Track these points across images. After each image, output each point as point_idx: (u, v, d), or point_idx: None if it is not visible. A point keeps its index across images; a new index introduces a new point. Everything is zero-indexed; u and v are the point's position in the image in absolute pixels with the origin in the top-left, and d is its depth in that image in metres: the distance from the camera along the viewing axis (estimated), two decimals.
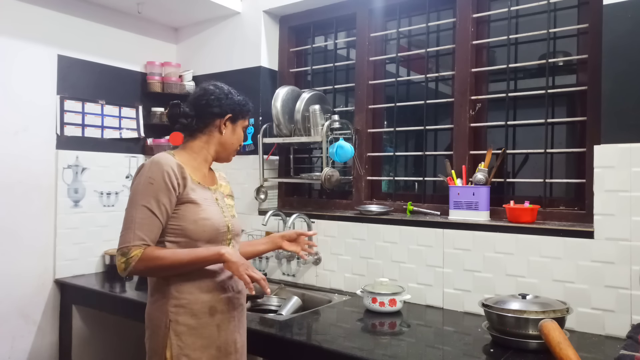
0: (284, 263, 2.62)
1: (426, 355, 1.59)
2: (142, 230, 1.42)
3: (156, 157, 1.51)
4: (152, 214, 1.43)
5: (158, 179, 1.45)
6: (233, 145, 1.65)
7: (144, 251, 1.41)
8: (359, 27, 2.58)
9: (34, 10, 2.50)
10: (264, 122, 2.74)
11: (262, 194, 2.70)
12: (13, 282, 2.42)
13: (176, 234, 1.48)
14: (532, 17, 2.16)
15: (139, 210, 1.43)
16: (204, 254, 1.45)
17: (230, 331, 1.56)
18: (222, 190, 1.68)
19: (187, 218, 1.48)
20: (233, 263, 1.45)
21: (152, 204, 1.43)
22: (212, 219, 1.52)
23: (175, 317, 1.47)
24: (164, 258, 1.42)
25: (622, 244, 1.71)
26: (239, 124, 1.65)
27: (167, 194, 1.45)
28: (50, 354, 2.59)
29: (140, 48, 2.99)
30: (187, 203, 1.49)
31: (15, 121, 2.42)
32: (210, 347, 1.51)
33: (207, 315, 1.51)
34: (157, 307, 1.50)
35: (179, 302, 1.48)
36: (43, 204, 2.53)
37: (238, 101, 1.64)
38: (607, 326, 1.74)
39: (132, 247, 1.40)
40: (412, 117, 2.51)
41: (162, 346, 1.47)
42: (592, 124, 1.90)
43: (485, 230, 2.01)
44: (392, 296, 2.01)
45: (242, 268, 1.45)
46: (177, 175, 1.48)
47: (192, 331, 1.48)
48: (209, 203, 1.55)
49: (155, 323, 1.50)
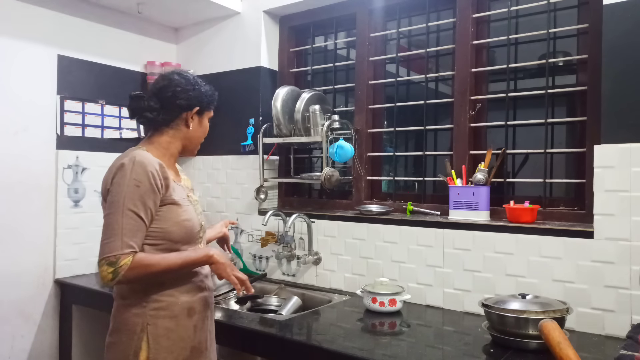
0: (284, 263, 2.62)
1: (426, 355, 1.59)
2: (129, 236, 1.34)
3: (137, 156, 1.41)
4: (139, 219, 1.36)
5: (144, 181, 1.37)
6: (199, 139, 1.59)
7: (134, 259, 1.33)
8: (359, 27, 2.58)
9: (34, 10, 2.50)
10: (264, 122, 2.74)
11: (262, 194, 2.70)
12: (13, 282, 2.42)
13: (156, 237, 1.41)
14: (532, 17, 2.16)
15: (125, 216, 1.34)
16: (194, 257, 1.43)
17: (204, 331, 1.55)
18: (187, 185, 1.62)
19: (169, 220, 1.42)
20: (221, 264, 1.44)
21: (139, 208, 1.36)
22: (191, 220, 1.48)
23: (154, 321, 1.42)
24: (155, 264, 1.36)
25: (622, 244, 1.71)
26: (205, 115, 1.59)
27: (152, 197, 1.38)
28: (50, 354, 2.59)
29: (140, 48, 2.99)
30: (169, 204, 1.43)
31: (15, 121, 2.42)
32: (186, 348, 1.47)
33: (185, 316, 1.47)
34: (132, 310, 1.43)
35: (159, 305, 1.43)
36: (43, 204, 2.53)
37: (205, 92, 1.57)
38: (607, 326, 1.74)
39: (120, 255, 1.32)
40: (412, 117, 2.51)
41: (135, 351, 1.40)
42: (592, 124, 1.90)
43: (485, 230, 2.01)
44: (392, 296, 2.01)
45: (229, 269, 1.45)
46: (159, 175, 1.41)
47: (170, 334, 1.44)
48: (187, 202, 1.50)
49: (127, 328, 1.42)
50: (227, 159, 2.91)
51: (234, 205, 2.87)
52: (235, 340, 1.91)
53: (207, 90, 1.59)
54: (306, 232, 2.51)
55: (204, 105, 1.56)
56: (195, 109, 1.53)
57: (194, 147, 1.60)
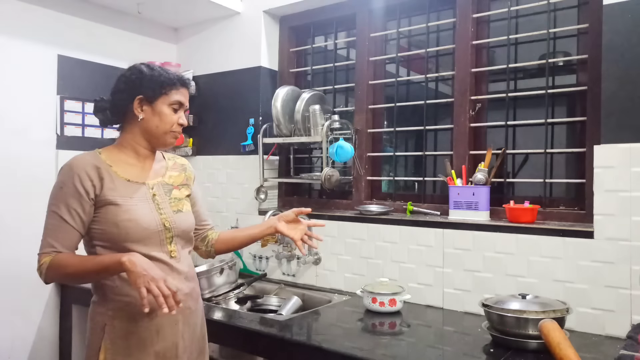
0: (284, 263, 2.62)
1: (426, 355, 1.59)
2: (51, 237, 1.37)
3: (71, 159, 1.43)
4: (62, 220, 1.37)
5: (68, 183, 1.38)
6: (159, 128, 1.47)
7: (52, 259, 1.34)
8: (359, 27, 2.58)
9: (34, 10, 2.50)
10: (264, 122, 2.74)
11: (262, 194, 2.70)
12: (13, 282, 2.41)
13: (101, 238, 1.40)
14: (532, 17, 2.16)
15: (49, 217, 1.39)
16: (106, 263, 1.32)
17: (171, 335, 1.46)
18: (170, 182, 1.55)
19: (107, 221, 1.39)
20: (132, 273, 1.27)
21: (61, 210, 1.37)
22: (137, 219, 1.40)
23: (112, 321, 1.40)
24: (70, 266, 1.34)
25: (622, 244, 1.71)
26: (158, 102, 1.46)
27: (77, 199, 1.37)
28: (50, 354, 2.59)
29: (140, 48, 2.99)
30: (106, 205, 1.39)
31: (15, 121, 2.42)
32: (147, 351, 1.41)
33: (145, 319, 1.40)
34: (96, 309, 1.44)
35: (117, 304, 1.40)
36: (43, 204, 2.50)
37: (150, 77, 1.46)
38: (607, 326, 1.74)
39: (42, 254, 1.37)
40: (412, 117, 2.51)
41: (96, 350, 1.40)
42: (592, 124, 1.90)
43: (485, 230, 2.01)
44: (392, 296, 2.01)
45: (140, 280, 1.26)
46: (90, 177, 1.39)
47: (129, 335, 1.40)
48: (135, 202, 1.43)
49: (92, 326, 1.43)
50: (227, 159, 2.92)
51: (234, 205, 2.87)
52: (235, 340, 1.91)
53: (152, 74, 1.47)
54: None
55: (149, 92, 1.45)
56: (137, 97, 1.45)
57: (158, 138, 1.49)
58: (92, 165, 1.42)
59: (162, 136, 1.49)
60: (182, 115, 1.51)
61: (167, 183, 1.55)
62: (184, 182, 1.61)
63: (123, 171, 1.46)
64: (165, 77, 1.48)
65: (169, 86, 1.47)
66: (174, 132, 1.50)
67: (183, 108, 1.52)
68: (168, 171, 1.58)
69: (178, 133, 1.52)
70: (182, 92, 1.51)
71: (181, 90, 1.50)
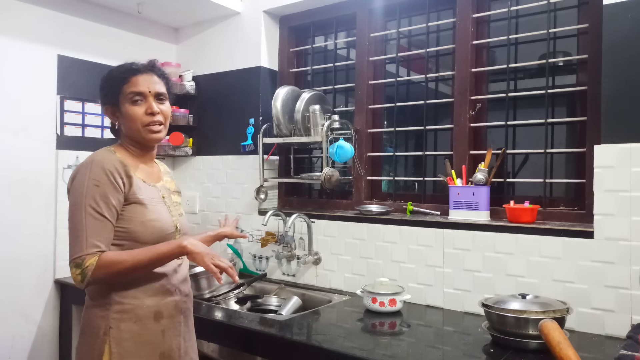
0: (284, 263, 2.62)
1: (426, 355, 1.59)
2: (94, 236, 1.31)
3: (96, 155, 1.39)
4: (103, 217, 1.33)
5: (103, 179, 1.34)
6: (132, 128, 1.43)
7: (100, 258, 1.30)
8: (359, 27, 2.58)
9: (34, 10, 2.50)
10: (264, 122, 2.74)
11: (262, 194, 2.70)
12: (13, 282, 2.41)
13: (120, 236, 1.38)
14: (532, 17, 2.16)
15: (88, 215, 1.31)
16: (165, 249, 1.35)
17: (174, 336, 1.47)
18: (168, 187, 1.57)
19: (134, 220, 1.38)
20: (197, 254, 1.34)
21: (101, 207, 1.32)
22: (161, 220, 1.42)
23: (117, 324, 1.37)
24: (123, 261, 1.31)
25: (622, 244, 1.71)
26: (121, 103, 1.42)
27: (115, 195, 1.35)
28: (50, 354, 2.59)
29: (140, 48, 2.99)
30: (133, 204, 1.38)
31: (15, 121, 2.42)
32: (154, 353, 1.42)
33: (151, 320, 1.41)
34: (97, 312, 1.40)
35: (123, 307, 1.38)
36: (43, 204, 2.53)
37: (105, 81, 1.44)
38: (607, 326, 1.74)
39: (85, 256, 1.29)
40: (412, 117, 2.51)
41: (98, 353, 1.36)
42: (592, 124, 1.90)
43: (485, 230, 2.01)
44: (392, 296, 2.01)
45: (207, 258, 1.34)
46: (121, 173, 1.37)
47: (136, 338, 1.39)
48: (156, 202, 1.44)
49: (92, 330, 1.39)
50: (227, 159, 2.92)
51: (234, 205, 2.87)
52: (235, 340, 1.91)
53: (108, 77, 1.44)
54: (306, 232, 2.51)
55: (109, 98, 1.43)
56: (104, 107, 1.45)
57: (136, 138, 1.46)
58: (119, 161, 1.40)
59: (137, 134, 1.45)
60: (151, 103, 1.43)
61: (167, 187, 1.56)
62: (176, 190, 1.63)
63: (137, 171, 1.45)
64: (115, 75, 1.43)
65: (120, 84, 1.42)
66: (148, 126, 1.43)
67: (147, 96, 1.43)
68: (164, 176, 1.60)
69: (154, 124, 1.43)
70: (135, 81, 1.42)
71: (134, 79, 1.42)
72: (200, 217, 3.02)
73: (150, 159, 1.54)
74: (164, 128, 1.48)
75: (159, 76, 1.48)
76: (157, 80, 1.46)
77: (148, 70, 1.45)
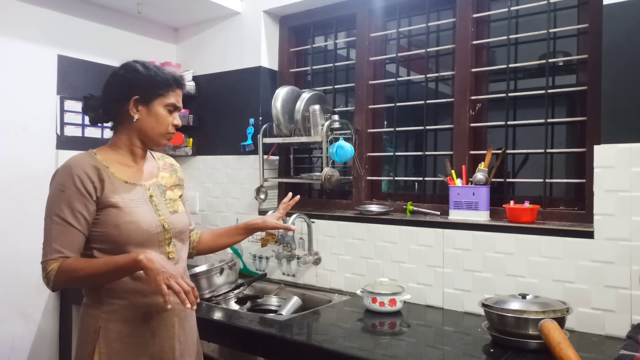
0: (284, 263, 2.62)
1: (426, 355, 1.59)
2: (57, 242, 1.32)
3: (68, 160, 1.40)
4: (67, 224, 1.33)
5: (69, 185, 1.34)
6: (155, 130, 1.45)
7: (61, 264, 1.31)
8: (359, 27, 2.58)
9: (34, 10, 2.50)
10: (264, 122, 2.74)
11: (262, 194, 2.70)
12: (13, 282, 2.41)
13: (101, 240, 1.37)
14: (532, 17, 2.16)
15: (52, 222, 1.34)
16: (121, 262, 1.30)
17: (167, 338, 1.45)
18: (163, 183, 1.54)
19: (108, 223, 1.36)
20: (150, 270, 1.25)
21: (65, 213, 1.33)
22: (139, 222, 1.39)
23: (106, 324, 1.37)
24: (80, 269, 1.31)
25: (622, 244, 1.71)
26: (155, 104, 1.44)
27: (81, 200, 1.34)
28: (50, 354, 2.59)
29: (140, 48, 2.99)
30: (107, 207, 1.37)
31: (15, 121, 2.42)
32: (143, 355, 1.41)
33: (140, 321, 1.40)
34: (88, 311, 1.41)
35: (111, 307, 1.38)
36: (43, 204, 2.51)
37: (146, 77, 1.43)
38: (607, 326, 1.74)
39: (49, 261, 1.31)
40: (412, 117, 2.51)
41: (89, 352, 1.37)
42: (592, 124, 1.90)
43: (485, 230, 2.01)
44: (392, 296, 2.01)
45: (160, 276, 1.24)
46: (91, 178, 1.36)
47: (124, 339, 1.38)
48: (135, 203, 1.41)
49: (84, 329, 1.41)
50: (227, 159, 2.91)
51: (234, 205, 2.87)
52: (235, 340, 1.91)
53: (149, 74, 1.44)
54: (306, 232, 2.51)
55: (144, 92, 1.43)
56: (133, 98, 1.42)
57: (152, 139, 1.47)
58: (91, 165, 1.39)
59: (157, 137, 1.47)
60: (176, 116, 1.50)
61: (161, 184, 1.54)
62: (176, 183, 1.60)
63: (120, 172, 1.44)
64: (161, 77, 1.46)
65: (165, 87, 1.45)
66: (170, 134, 1.49)
67: (178, 109, 1.51)
68: (160, 172, 1.57)
69: (172, 134, 1.51)
70: (177, 93, 1.50)
71: (177, 91, 1.49)
72: (200, 217, 3.02)
73: (143, 157, 1.53)
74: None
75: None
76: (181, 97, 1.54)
77: (183, 87, 1.54)
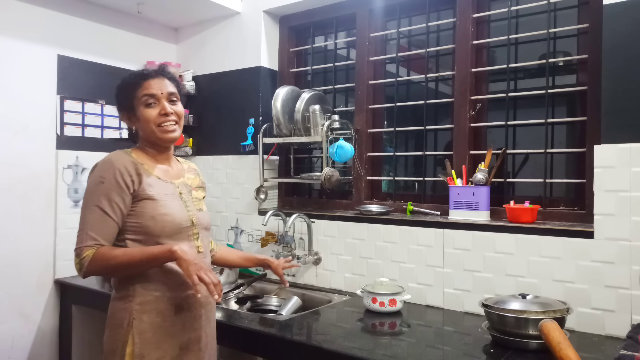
0: None
1: (426, 355, 1.59)
2: (94, 230, 1.39)
3: (109, 155, 1.49)
4: (104, 214, 1.40)
5: (109, 177, 1.42)
6: (146, 129, 1.51)
7: (96, 251, 1.38)
8: (359, 27, 2.58)
9: (34, 10, 2.50)
10: (264, 122, 2.74)
11: (262, 194, 2.70)
12: (13, 282, 2.41)
13: (135, 231, 1.44)
14: (532, 17, 2.16)
15: (90, 211, 1.41)
16: (155, 252, 1.39)
17: (195, 329, 1.52)
18: (189, 183, 1.63)
19: (144, 214, 1.44)
20: (184, 261, 1.35)
21: (103, 204, 1.40)
22: (172, 214, 1.47)
23: (140, 315, 1.43)
24: (115, 257, 1.37)
25: (622, 244, 1.71)
26: (136, 107, 1.51)
27: (119, 192, 1.42)
28: (50, 354, 2.59)
29: (140, 48, 2.99)
30: (144, 199, 1.45)
31: (15, 121, 2.42)
32: (174, 345, 1.47)
33: (172, 313, 1.47)
34: (121, 305, 1.46)
35: (145, 299, 1.44)
36: (43, 204, 2.53)
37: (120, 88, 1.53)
38: (607, 326, 1.74)
39: (84, 247, 1.38)
40: (412, 117, 2.51)
41: (122, 344, 1.42)
42: (592, 124, 1.90)
43: (485, 230, 2.01)
44: (392, 296, 2.01)
45: (192, 268, 1.34)
46: (130, 172, 1.44)
47: (156, 329, 1.44)
48: (169, 198, 1.50)
49: (116, 322, 1.46)
50: (227, 159, 2.91)
51: (234, 205, 2.87)
52: (235, 340, 1.91)
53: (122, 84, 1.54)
54: (306, 232, 2.51)
55: (124, 103, 1.53)
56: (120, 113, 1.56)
57: (150, 138, 1.53)
58: (130, 161, 1.47)
59: (152, 134, 1.51)
60: (164, 105, 1.50)
61: (187, 184, 1.62)
62: (200, 185, 1.70)
63: (152, 170, 1.52)
64: (127, 82, 1.52)
65: (133, 88, 1.51)
66: (161, 126, 1.51)
67: (160, 98, 1.50)
68: (186, 173, 1.66)
69: (167, 123, 1.51)
70: (147, 85, 1.50)
71: (145, 84, 1.51)
72: None
73: (168, 159, 1.60)
74: (179, 127, 1.55)
75: (170, 79, 1.55)
76: (167, 82, 1.53)
77: (158, 75, 1.53)
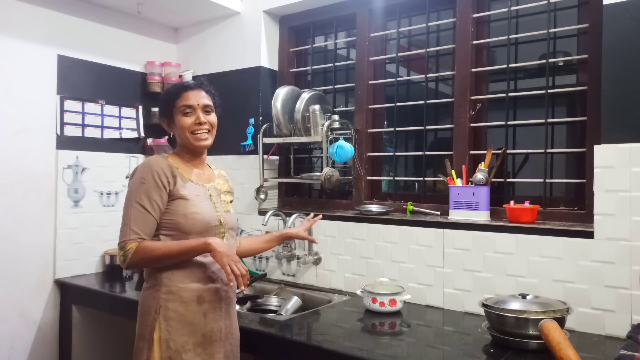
0: (284, 263, 2.62)
1: (426, 355, 1.59)
2: (136, 225, 1.55)
3: (148, 159, 1.67)
4: (144, 210, 1.56)
5: (149, 178, 1.58)
6: (181, 136, 1.68)
7: (139, 244, 1.53)
8: (359, 27, 2.58)
9: (34, 10, 2.50)
10: (264, 122, 2.74)
11: (262, 194, 2.70)
12: (13, 282, 2.42)
13: (169, 227, 1.59)
14: (532, 17, 2.16)
15: (133, 208, 1.57)
16: (192, 244, 1.55)
17: (215, 320, 1.63)
18: (219, 188, 1.77)
19: (178, 212, 1.59)
20: (218, 252, 1.52)
21: (144, 201, 1.56)
22: (202, 213, 1.62)
23: (166, 304, 1.57)
24: (156, 249, 1.54)
25: (622, 244, 1.71)
26: (175, 115, 1.68)
27: (157, 191, 1.58)
28: (50, 354, 2.59)
29: (140, 48, 2.99)
30: (178, 199, 1.60)
31: (15, 121, 2.42)
32: (196, 333, 1.59)
33: (194, 303, 1.59)
34: (150, 294, 1.60)
35: (170, 289, 1.58)
36: (43, 204, 2.53)
37: (162, 98, 1.74)
38: (607, 326, 1.74)
39: (128, 241, 1.54)
40: (412, 117, 2.51)
41: (150, 330, 1.57)
42: (592, 124, 1.90)
43: (485, 230, 2.01)
44: (392, 296, 2.01)
45: (226, 259, 1.51)
46: (166, 174, 1.60)
47: (180, 317, 1.57)
48: (200, 199, 1.65)
49: (145, 309, 1.60)
50: (227, 159, 2.91)
51: (233, 205, 2.86)
52: None
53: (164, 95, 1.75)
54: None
55: (166, 112, 1.70)
56: (161, 119, 1.73)
57: (186, 144, 1.69)
58: (167, 164, 1.64)
59: (186, 140, 1.67)
60: (199, 115, 1.66)
61: (217, 188, 1.76)
62: (229, 190, 1.83)
63: (186, 173, 1.67)
64: (170, 92, 1.71)
65: (173, 98, 1.68)
66: (194, 133, 1.66)
67: (196, 109, 1.66)
68: (216, 179, 1.80)
69: (200, 131, 1.66)
70: (186, 96, 1.66)
71: (184, 95, 1.67)
72: None
73: (201, 163, 1.75)
74: (211, 136, 1.70)
75: (206, 92, 1.71)
76: (204, 95, 1.69)
77: (197, 87, 1.69)
